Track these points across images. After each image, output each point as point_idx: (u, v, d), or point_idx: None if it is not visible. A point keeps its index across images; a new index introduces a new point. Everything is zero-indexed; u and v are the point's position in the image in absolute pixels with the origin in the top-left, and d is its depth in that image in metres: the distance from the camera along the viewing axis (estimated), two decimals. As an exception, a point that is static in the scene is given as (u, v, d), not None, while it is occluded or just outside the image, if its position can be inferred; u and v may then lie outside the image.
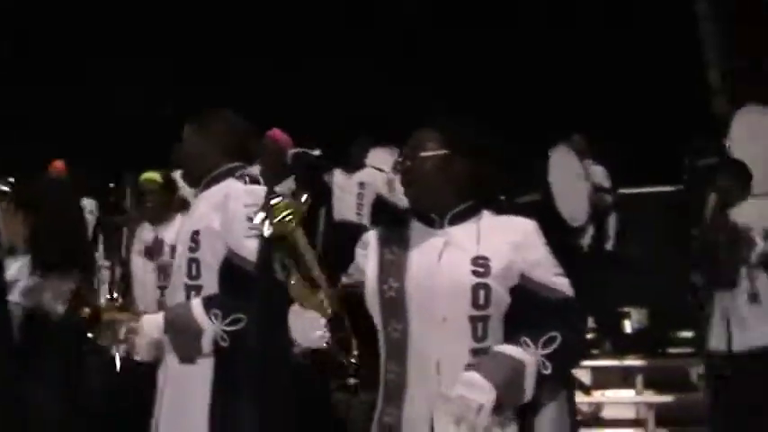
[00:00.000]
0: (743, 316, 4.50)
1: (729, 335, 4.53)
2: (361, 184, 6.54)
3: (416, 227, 2.28)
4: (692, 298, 4.89)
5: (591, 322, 6.38)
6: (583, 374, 6.14)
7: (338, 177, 6.53)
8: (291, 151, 5.25)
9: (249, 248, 2.61)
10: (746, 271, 4.52)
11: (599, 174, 6.67)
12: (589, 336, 6.38)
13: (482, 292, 2.15)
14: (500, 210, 2.32)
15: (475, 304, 2.15)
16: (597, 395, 6.05)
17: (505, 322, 2.20)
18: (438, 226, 2.25)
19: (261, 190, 2.73)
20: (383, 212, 6.23)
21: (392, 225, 2.34)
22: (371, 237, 2.30)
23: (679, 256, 5.31)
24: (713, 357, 4.65)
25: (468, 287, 2.15)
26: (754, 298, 4.51)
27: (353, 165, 6.59)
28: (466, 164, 2.25)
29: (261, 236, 2.41)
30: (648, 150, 7.77)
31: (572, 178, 6.39)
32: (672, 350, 6.32)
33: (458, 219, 2.25)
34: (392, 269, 2.20)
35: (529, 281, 2.20)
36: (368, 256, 2.26)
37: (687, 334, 6.21)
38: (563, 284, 2.23)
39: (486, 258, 2.18)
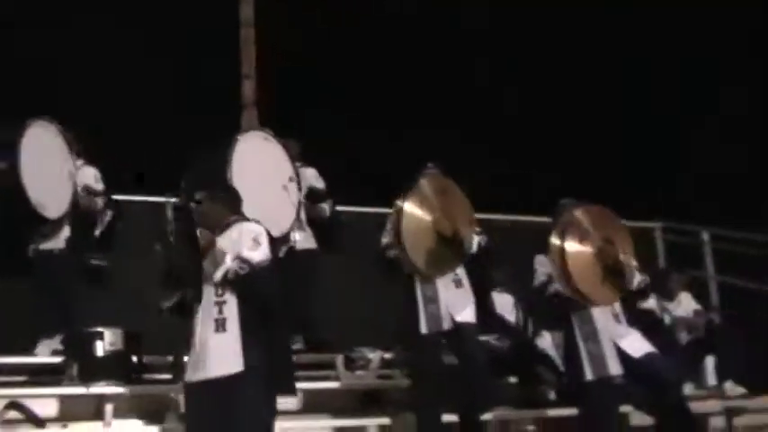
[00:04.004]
0: (205, 344, 4.14)
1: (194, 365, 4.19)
2: None
3: None
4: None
5: (57, 343, 5.62)
6: (46, 404, 5.35)
7: None
8: None
9: None
10: (215, 295, 4.17)
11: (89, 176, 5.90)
12: (56, 359, 5.62)
13: None
14: None
15: None
16: (57, 428, 5.25)
17: None
18: None
19: None
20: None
21: None
22: None
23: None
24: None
25: None
26: (221, 324, 4.14)
27: None
28: None
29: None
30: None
31: (54, 164, 5.65)
32: (149, 376, 5.76)
33: None
34: None
35: None
36: None
37: (168, 359, 5.71)
38: None
39: None
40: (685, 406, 5.36)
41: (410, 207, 5.20)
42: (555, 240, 5.06)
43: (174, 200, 4.31)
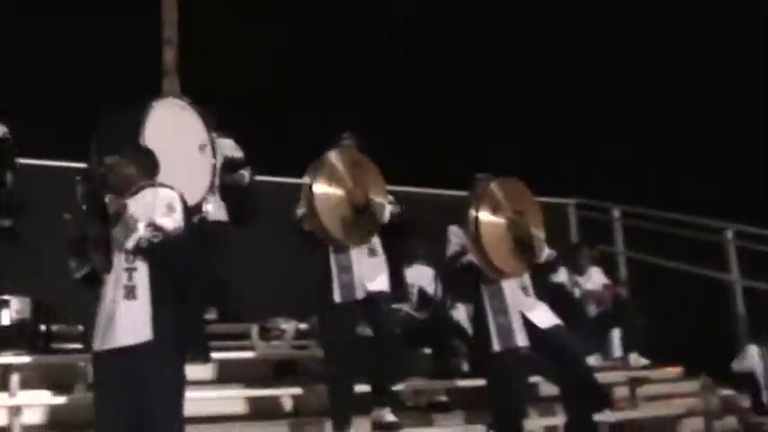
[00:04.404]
0: (113, 311, 4.04)
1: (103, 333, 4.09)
2: None
3: None
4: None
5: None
6: None
7: None
8: None
9: None
10: (125, 261, 4.07)
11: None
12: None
13: None
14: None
15: None
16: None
17: None
18: None
19: None
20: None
21: None
22: None
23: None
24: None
25: None
26: (130, 292, 4.06)
27: None
28: None
29: None
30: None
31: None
32: (57, 345, 5.64)
33: None
34: None
35: None
36: None
37: (78, 327, 5.60)
38: None
39: None
40: (591, 376, 5.48)
41: (320, 184, 5.10)
42: (470, 211, 5.14)
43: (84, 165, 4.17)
